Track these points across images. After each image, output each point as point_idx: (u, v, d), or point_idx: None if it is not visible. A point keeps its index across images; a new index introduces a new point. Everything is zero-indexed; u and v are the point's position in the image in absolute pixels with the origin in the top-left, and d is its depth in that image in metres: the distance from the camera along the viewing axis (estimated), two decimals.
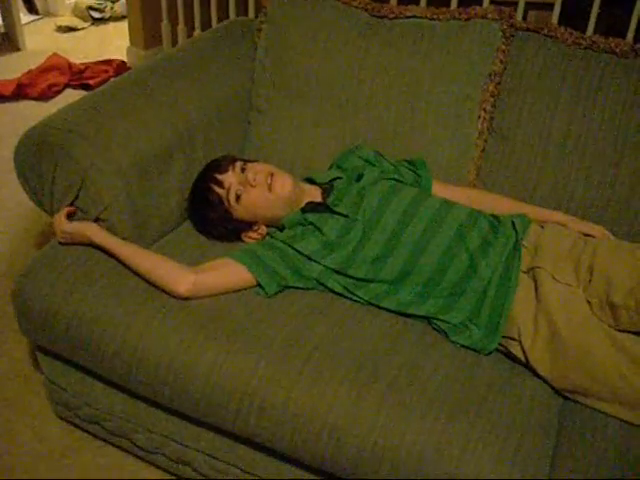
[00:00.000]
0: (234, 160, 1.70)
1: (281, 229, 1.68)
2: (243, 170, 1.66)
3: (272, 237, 1.65)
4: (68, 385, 1.71)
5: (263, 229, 1.70)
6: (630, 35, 2.72)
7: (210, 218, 1.69)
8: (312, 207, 1.67)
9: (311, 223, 1.62)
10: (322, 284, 1.58)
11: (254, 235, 1.71)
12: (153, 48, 4.16)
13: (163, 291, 1.50)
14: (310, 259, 1.57)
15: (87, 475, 1.74)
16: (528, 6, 3.12)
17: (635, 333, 1.37)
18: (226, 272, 1.54)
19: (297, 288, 1.57)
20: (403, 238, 1.54)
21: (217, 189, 1.66)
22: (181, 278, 1.49)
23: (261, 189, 1.64)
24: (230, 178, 1.66)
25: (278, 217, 1.67)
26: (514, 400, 1.35)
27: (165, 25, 4.02)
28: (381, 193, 1.62)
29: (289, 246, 1.58)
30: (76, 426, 1.83)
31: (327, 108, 1.90)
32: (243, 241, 1.71)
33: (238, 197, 1.64)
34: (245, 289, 1.54)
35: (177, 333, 1.44)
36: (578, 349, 1.36)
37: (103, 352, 1.50)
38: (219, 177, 1.66)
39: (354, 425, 1.30)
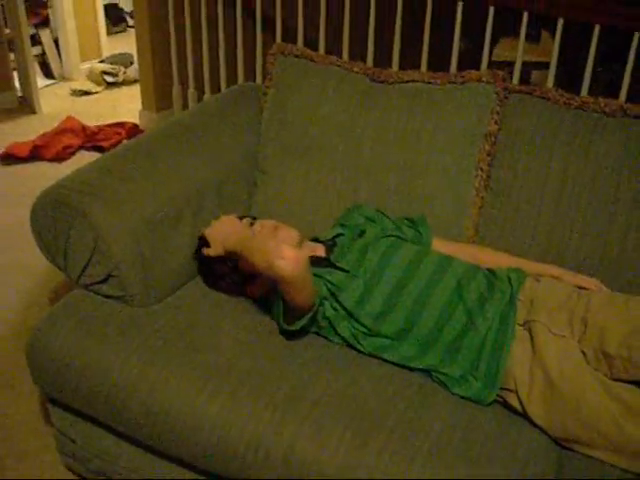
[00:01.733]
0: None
1: None
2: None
3: None
4: (78, 437, 1.75)
5: (265, 282, 1.74)
6: (623, 93, 2.80)
7: (218, 271, 1.75)
8: (315, 261, 1.72)
9: (314, 275, 1.67)
10: (332, 326, 1.61)
11: (256, 288, 1.75)
12: (164, 111, 4.29)
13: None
14: (324, 299, 1.61)
15: None
16: (526, 67, 3.23)
17: (630, 382, 1.40)
18: None
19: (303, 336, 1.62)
20: (404, 294, 1.59)
21: None
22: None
23: None
24: None
25: None
26: (512, 450, 1.37)
27: (176, 89, 4.15)
28: (382, 250, 1.68)
29: None
30: (84, 478, 1.86)
31: (330, 170, 1.98)
32: (248, 296, 1.76)
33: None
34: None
35: (184, 387, 1.48)
36: (573, 399, 1.39)
37: (113, 405, 1.54)
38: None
39: (357, 471, 1.33)
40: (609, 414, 1.36)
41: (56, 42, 5.35)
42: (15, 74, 4.74)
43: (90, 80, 5.27)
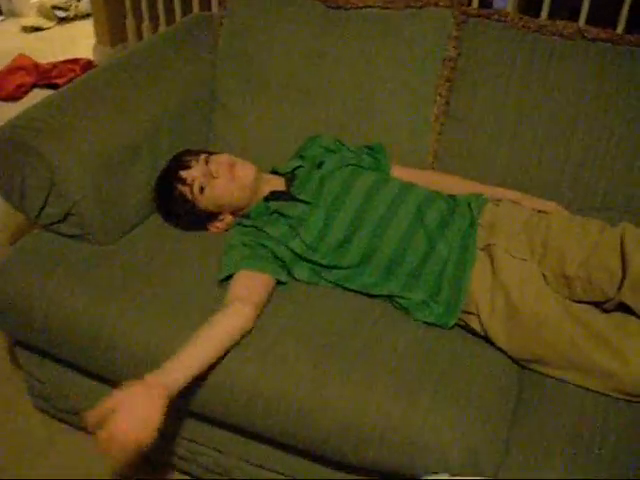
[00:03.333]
0: (198, 153, 1.74)
1: (247, 218, 1.73)
2: (207, 162, 1.71)
3: (241, 225, 1.69)
4: (46, 377, 1.76)
5: (229, 218, 1.75)
6: (583, 16, 2.80)
7: (176, 212, 1.74)
8: (275, 196, 1.71)
9: (275, 211, 1.66)
10: (289, 271, 1.62)
11: (220, 225, 1.75)
12: (119, 45, 4.18)
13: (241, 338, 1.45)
14: (280, 243, 1.61)
15: (69, 463, 1.79)
16: None
17: (589, 303, 1.44)
18: (250, 285, 1.52)
19: None
20: (365, 221, 1.59)
21: (180, 187, 1.70)
22: (241, 319, 1.44)
23: (224, 179, 1.68)
24: (193, 172, 1.69)
25: (242, 206, 1.73)
26: (474, 370, 1.41)
27: (130, 22, 4.03)
28: (342, 179, 1.67)
29: (260, 230, 1.63)
30: (56, 418, 1.88)
31: (288, 98, 1.95)
32: (209, 230, 1.76)
33: (202, 189, 1.68)
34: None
35: (147, 323, 1.49)
36: (533, 319, 1.43)
37: (75, 344, 1.55)
38: (182, 174, 1.70)
39: (318, 403, 1.35)
40: (568, 334, 1.40)
41: None
42: None
43: (41, 15, 5.09)
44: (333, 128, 1.91)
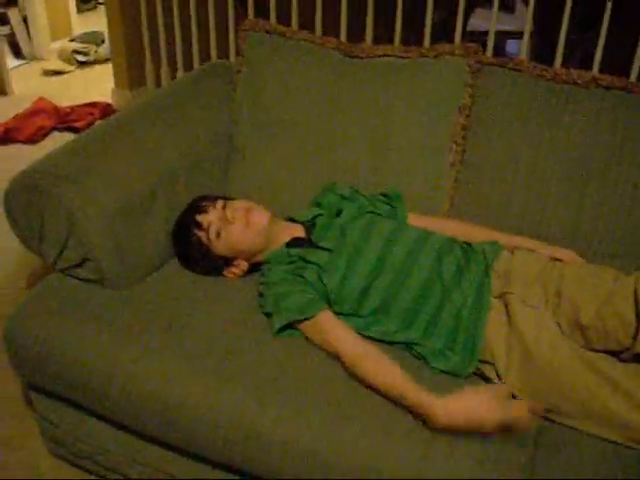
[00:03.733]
0: (215, 199, 1.76)
1: (262, 264, 1.74)
2: (224, 207, 1.73)
3: (275, 271, 1.68)
4: (60, 422, 1.75)
5: (244, 264, 1.76)
6: (597, 64, 2.82)
7: (193, 256, 1.75)
8: (297, 242, 1.73)
9: (299, 257, 1.67)
10: None
11: (235, 270, 1.76)
12: (138, 89, 4.24)
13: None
14: (314, 287, 1.62)
15: None
16: (501, 36, 3.23)
17: (605, 352, 1.43)
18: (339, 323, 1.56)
19: None
20: (384, 270, 1.60)
21: (197, 232, 1.72)
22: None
23: (240, 225, 1.70)
24: (210, 217, 1.71)
25: (257, 252, 1.74)
26: None
27: (148, 67, 4.10)
28: (361, 227, 1.68)
29: (298, 275, 1.63)
30: (69, 463, 1.86)
31: (304, 145, 1.97)
32: (225, 276, 1.77)
33: (218, 234, 1.70)
34: None
35: (164, 369, 1.48)
36: (549, 368, 1.42)
37: (92, 389, 1.54)
38: (199, 219, 1.72)
39: (338, 449, 1.34)
40: (584, 383, 1.39)
41: (25, 21, 5.26)
42: None
43: (61, 60, 5.20)
44: (349, 174, 1.93)
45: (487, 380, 1.50)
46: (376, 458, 1.32)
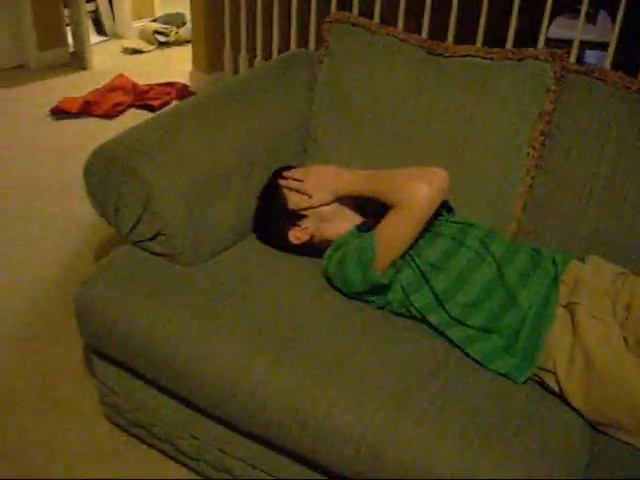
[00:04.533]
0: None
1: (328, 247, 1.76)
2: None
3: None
4: (120, 389, 1.80)
5: (310, 229, 1.78)
6: None
7: (269, 207, 1.83)
8: (367, 226, 1.74)
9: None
10: (406, 294, 1.63)
11: (299, 234, 1.79)
12: (215, 73, 4.31)
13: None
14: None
15: (130, 476, 1.82)
16: (581, 46, 3.17)
17: None
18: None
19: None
20: (449, 265, 1.63)
21: (278, 180, 1.82)
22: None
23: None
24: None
25: (327, 211, 1.78)
26: (547, 429, 1.38)
27: (227, 51, 4.16)
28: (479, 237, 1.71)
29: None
30: (124, 430, 1.92)
31: (381, 141, 1.98)
32: (290, 243, 1.80)
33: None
34: None
35: (228, 346, 1.51)
36: (613, 383, 1.40)
37: (156, 360, 1.58)
38: (283, 172, 1.84)
39: (391, 442, 1.34)
40: None
41: (110, 0, 5.39)
42: (68, 30, 4.79)
43: (142, 39, 5.31)
44: None
45: (547, 389, 1.49)
46: (427, 456, 1.32)
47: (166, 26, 5.32)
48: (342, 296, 1.68)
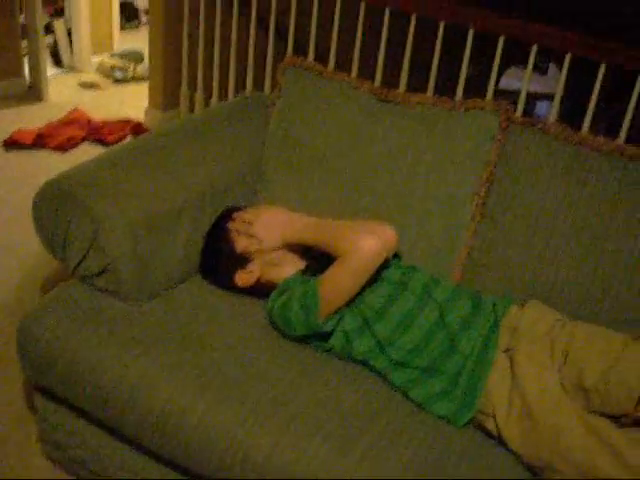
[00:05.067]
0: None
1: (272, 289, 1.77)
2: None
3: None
4: (60, 425, 1.77)
5: (256, 271, 1.79)
6: (624, 132, 2.86)
7: (218, 250, 1.82)
8: (313, 271, 1.75)
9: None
10: (348, 340, 1.64)
11: (245, 276, 1.79)
12: (170, 111, 4.32)
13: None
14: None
15: None
16: (531, 97, 3.28)
17: (607, 416, 1.43)
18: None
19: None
20: (392, 310, 1.64)
21: (228, 223, 1.83)
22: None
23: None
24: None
25: (274, 252, 1.79)
26: (486, 471, 1.40)
27: (184, 90, 4.19)
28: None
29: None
30: (64, 468, 1.87)
31: (330, 186, 2.01)
32: (236, 285, 1.80)
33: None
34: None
35: (171, 383, 1.50)
36: (549, 428, 1.42)
37: (97, 398, 1.57)
38: (233, 214, 1.84)
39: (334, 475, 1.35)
40: (583, 446, 1.39)
41: (69, 33, 5.39)
42: (26, 61, 4.77)
43: (100, 73, 5.31)
44: (370, 217, 1.93)
45: (485, 432, 1.51)
46: None
47: (124, 62, 5.34)
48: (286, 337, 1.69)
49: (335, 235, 1.65)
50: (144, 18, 6.50)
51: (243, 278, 1.80)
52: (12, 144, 3.89)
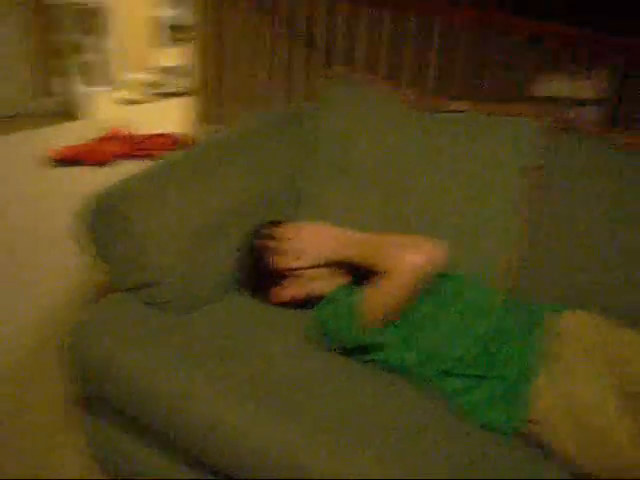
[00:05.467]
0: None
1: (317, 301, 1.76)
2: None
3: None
4: (104, 437, 1.79)
5: (292, 289, 1.78)
6: None
7: (257, 264, 1.81)
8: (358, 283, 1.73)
9: None
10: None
11: (281, 292, 1.79)
12: (213, 124, 4.36)
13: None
14: None
15: None
16: (570, 102, 3.24)
17: None
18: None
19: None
20: (439, 321, 1.63)
21: (267, 241, 1.80)
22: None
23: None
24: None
25: (316, 270, 1.77)
26: None
27: (226, 104, 4.22)
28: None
29: None
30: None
31: (372, 193, 2.01)
32: (270, 297, 1.81)
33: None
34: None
35: (212, 395, 1.50)
36: (599, 432, 1.39)
37: (140, 407, 1.58)
38: (273, 230, 1.82)
39: None
40: (632, 456, 1.36)
41: (107, 50, 5.47)
42: (64, 79, 4.85)
43: (138, 89, 5.38)
44: (407, 228, 1.94)
45: (533, 440, 1.48)
46: None
47: (163, 77, 5.40)
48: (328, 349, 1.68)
49: (380, 252, 1.62)
50: (181, 34, 6.57)
51: (278, 295, 1.80)
52: (55, 161, 3.95)
